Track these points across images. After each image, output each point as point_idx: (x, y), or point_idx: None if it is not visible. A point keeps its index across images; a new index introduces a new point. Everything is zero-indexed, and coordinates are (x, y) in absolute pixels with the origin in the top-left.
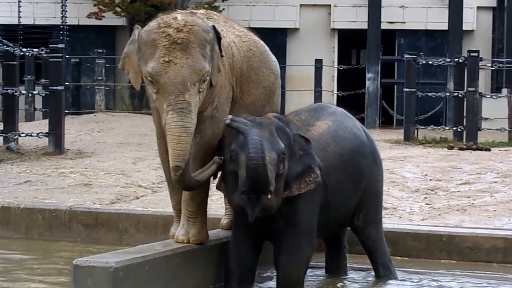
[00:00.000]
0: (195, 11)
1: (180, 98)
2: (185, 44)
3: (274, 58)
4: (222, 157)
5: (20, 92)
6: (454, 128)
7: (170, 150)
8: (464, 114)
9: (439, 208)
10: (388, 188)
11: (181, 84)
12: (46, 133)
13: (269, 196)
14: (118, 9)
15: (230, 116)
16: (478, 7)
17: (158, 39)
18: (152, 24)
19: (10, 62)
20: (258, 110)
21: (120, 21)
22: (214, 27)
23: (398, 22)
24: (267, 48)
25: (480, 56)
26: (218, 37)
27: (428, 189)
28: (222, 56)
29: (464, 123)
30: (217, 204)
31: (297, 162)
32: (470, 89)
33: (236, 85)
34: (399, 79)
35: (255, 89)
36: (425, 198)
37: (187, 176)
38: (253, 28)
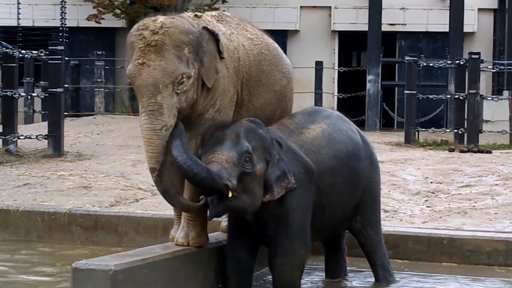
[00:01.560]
0: (207, 13)
1: (152, 100)
2: (159, 46)
3: (287, 61)
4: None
5: (19, 94)
6: (455, 131)
7: (145, 153)
8: (465, 117)
9: (440, 210)
10: (389, 191)
11: (153, 86)
12: (45, 135)
13: (230, 195)
14: (117, 11)
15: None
16: (479, 9)
17: (135, 41)
18: (135, 26)
19: (9, 64)
20: (268, 114)
21: (119, 23)
22: (206, 28)
23: (398, 24)
24: (281, 52)
25: (481, 58)
26: (215, 38)
27: (429, 191)
28: (222, 57)
29: (465, 126)
30: None
31: (275, 166)
32: (471, 91)
33: (242, 88)
34: (399, 81)
35: (265, 92)
36: (426, 200)
37: (164, 178)
38: None
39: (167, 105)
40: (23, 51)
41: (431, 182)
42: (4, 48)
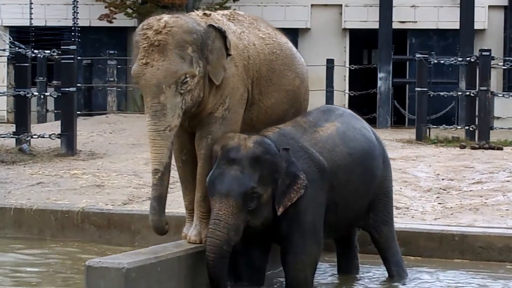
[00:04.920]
0: (219, 12)
1: (155, 100)
2: (162, 46)
3: (301, 62)
4: None
5: (32, 94)
6: (466, 127)
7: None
8: (476, 113)
9: (451, 207)
10: (401, 188)
11: (156, 86)
12: (58, 134)
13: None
14: (129, 11)
15: None
16: (489, 6)
17: (139, 41)
18: (140, 25)
19: (22, 64)
20: (280, 114)
21: (131, 22)
22: (211, 26)
23: (409, 21)
24: (295, 52)
25: (492, 55)
26: (222, 36)
27: (440, 188)
28: (229, 54)
29: (476, 122)
30: None
31: (285, 176)
32: (482, 88)
33: (253, 87)
34: (410, 78)
35: (276, 92)
36: (438, 197)
37: (164, 183)
38: None
39: (170, 105)
40: (35, 51)
41: (443, 179)
42: (17, 48)
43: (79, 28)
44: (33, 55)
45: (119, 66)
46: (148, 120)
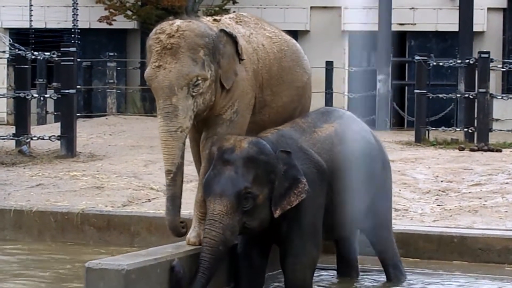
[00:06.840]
0: (225, 16)
1: (167, 102)
2: (174, 49)
3: (306, 57)
4: None
5: (32, 96)
6: (465, 129)
7: (162, 155)
8: (475, 115)
9: (450, 209)
10: (400, 190)
11: (168, 88)
12: (58, 136)
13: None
14: (129, 13)
15: None
16: (488, 8)
17: (152, 44)
18: (153, 30)
19: (22, 66)
20: (290, 112)
21: (131, 24)
22: (223, 30)
23: (408, 23)
24: (299, 47)
25: (491, 57)
26: (233, 41)
27: (439, 190)
28: (242, 59)
29: (475, 124)
30: None
31: (283, 178)
32: (481, 90)
33: (263, 89)
34: (410, 80)
35: (288, 90)
36: (437, 199)
37: (178, 183)
38: None
39: (182, 107)
40: (35, 53)
41: (442, 181)
42: (17, 50)
43: (79, 30)
44: (33, 57)
45: (118, 68)
46: (160, 121)
